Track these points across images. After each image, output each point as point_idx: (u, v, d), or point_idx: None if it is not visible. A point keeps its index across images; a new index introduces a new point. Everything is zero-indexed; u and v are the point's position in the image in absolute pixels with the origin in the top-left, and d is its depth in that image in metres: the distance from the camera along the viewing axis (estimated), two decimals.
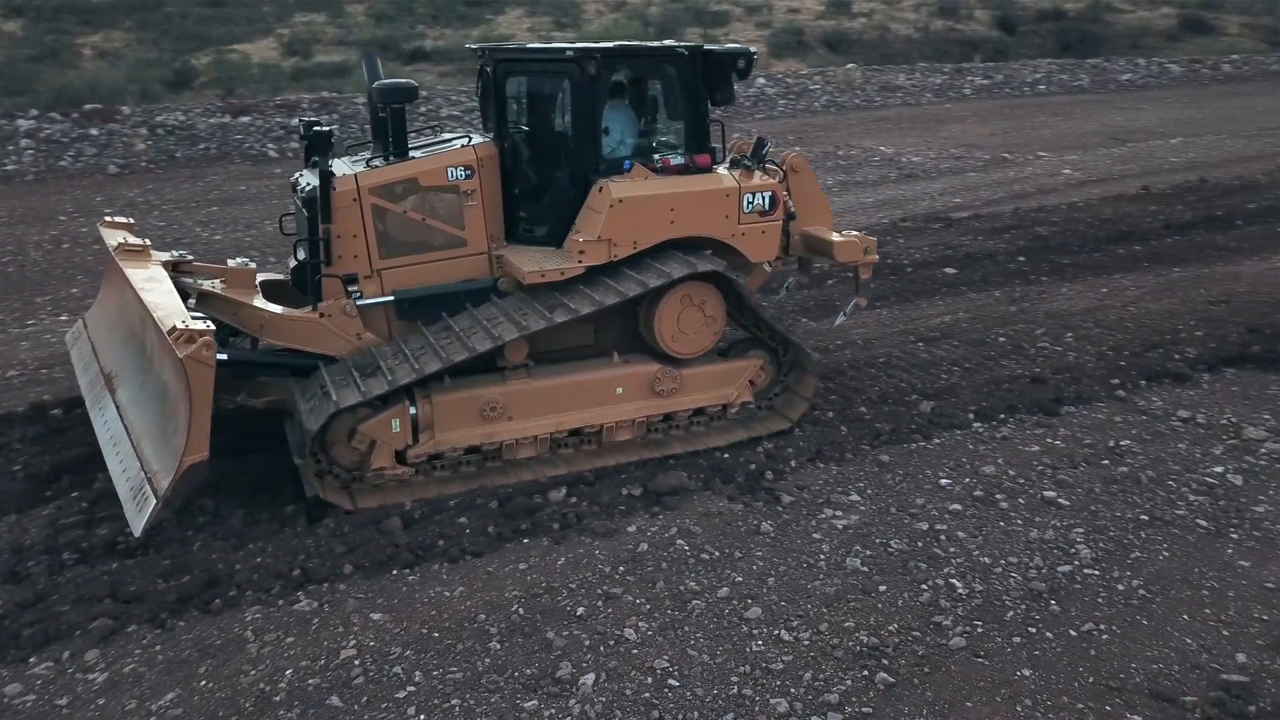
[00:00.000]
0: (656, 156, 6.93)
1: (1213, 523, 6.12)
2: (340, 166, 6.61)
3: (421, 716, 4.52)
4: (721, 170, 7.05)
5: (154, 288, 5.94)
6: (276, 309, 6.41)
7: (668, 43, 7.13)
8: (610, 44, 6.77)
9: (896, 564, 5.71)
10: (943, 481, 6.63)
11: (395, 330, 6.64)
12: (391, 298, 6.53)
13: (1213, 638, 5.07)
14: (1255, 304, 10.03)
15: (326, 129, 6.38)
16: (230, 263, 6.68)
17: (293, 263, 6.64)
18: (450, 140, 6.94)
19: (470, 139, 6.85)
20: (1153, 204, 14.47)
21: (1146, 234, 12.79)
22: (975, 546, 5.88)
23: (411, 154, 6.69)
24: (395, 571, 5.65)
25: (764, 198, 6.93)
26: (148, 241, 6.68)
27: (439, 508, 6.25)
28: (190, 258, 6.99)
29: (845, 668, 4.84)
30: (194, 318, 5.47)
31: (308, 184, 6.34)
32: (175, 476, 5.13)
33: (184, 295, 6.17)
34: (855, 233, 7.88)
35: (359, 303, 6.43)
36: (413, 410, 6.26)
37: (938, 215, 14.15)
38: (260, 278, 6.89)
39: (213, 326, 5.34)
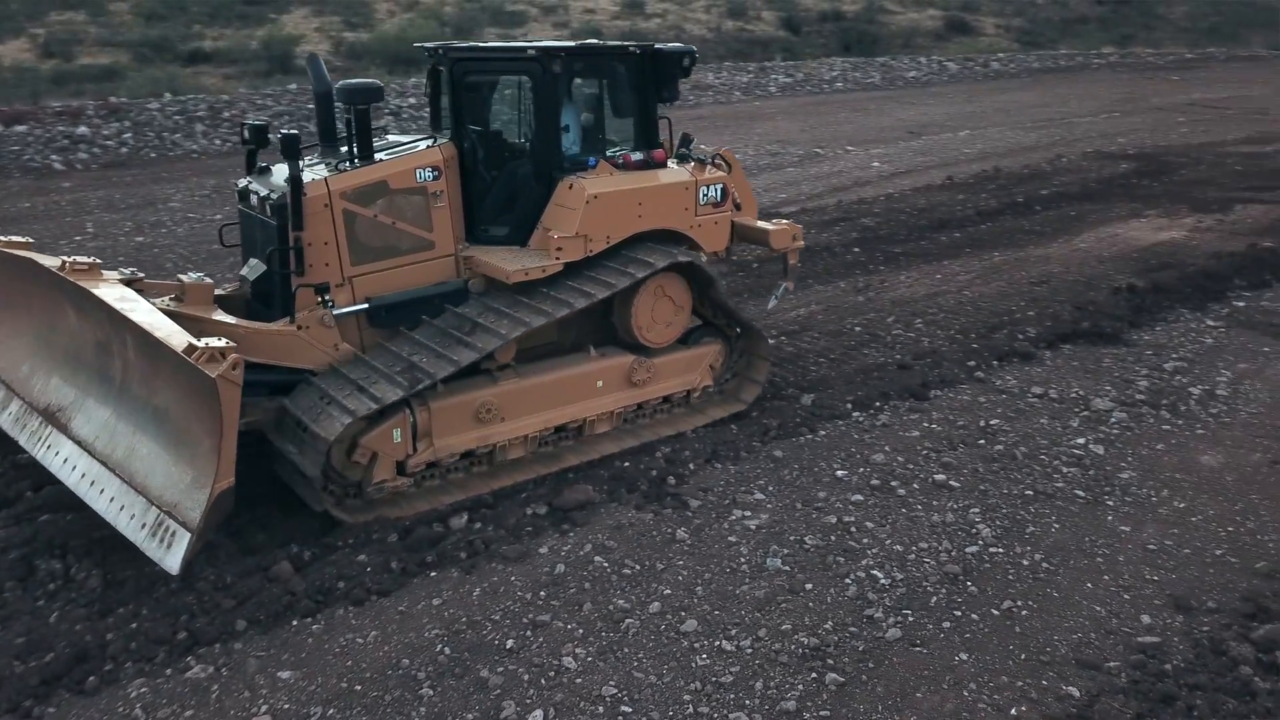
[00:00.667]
0: (617, 152, 7.06)
1: (1089, 492, 6.50)
2: (281, 169, 6.26)
3: None
4: (673, 164, 7.24)
5: (135, 308, 5.28)
6: (249, 324, 5.98)
7: (614, 42, 7.42)
8: (570, 43, 6.86)
9: (815, 560, 5.72)
10: (839, 473, 6.72)
11: (367, 339, 6.40)
12: (365, 305, 6.28)
13: (1116, 603, 5.35)
14: (1071, 284, 10.81)
15: (294, 131, 5.95)
16: (184, 278, 6.15)
17: (251, 275, 6.22)
18: (414, 141, 6.75)
19: (435, 139, 6.70)
20: (959, 193, 15.37)
21: (962, 221, 13.56)
22: (885, 535, 5.98)
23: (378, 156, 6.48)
24: (295, 622, 5.15)
25: (716, 190, 7.24)
26: (96, 259, 5.94)
27: (330, 547, 5.76)
28: (142, 275, 6.33)
29: (794, 672, 4.78)
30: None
31: (270, 191, 6.04)
32: (208, 506, 4.71)
33: None
34: (785, 221, 8.08)
35: (335, 312, 6.13)
36: (411, 419, 6.04)
37: (766, 211, 14.44)
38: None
39: (234, 344, 4.87)
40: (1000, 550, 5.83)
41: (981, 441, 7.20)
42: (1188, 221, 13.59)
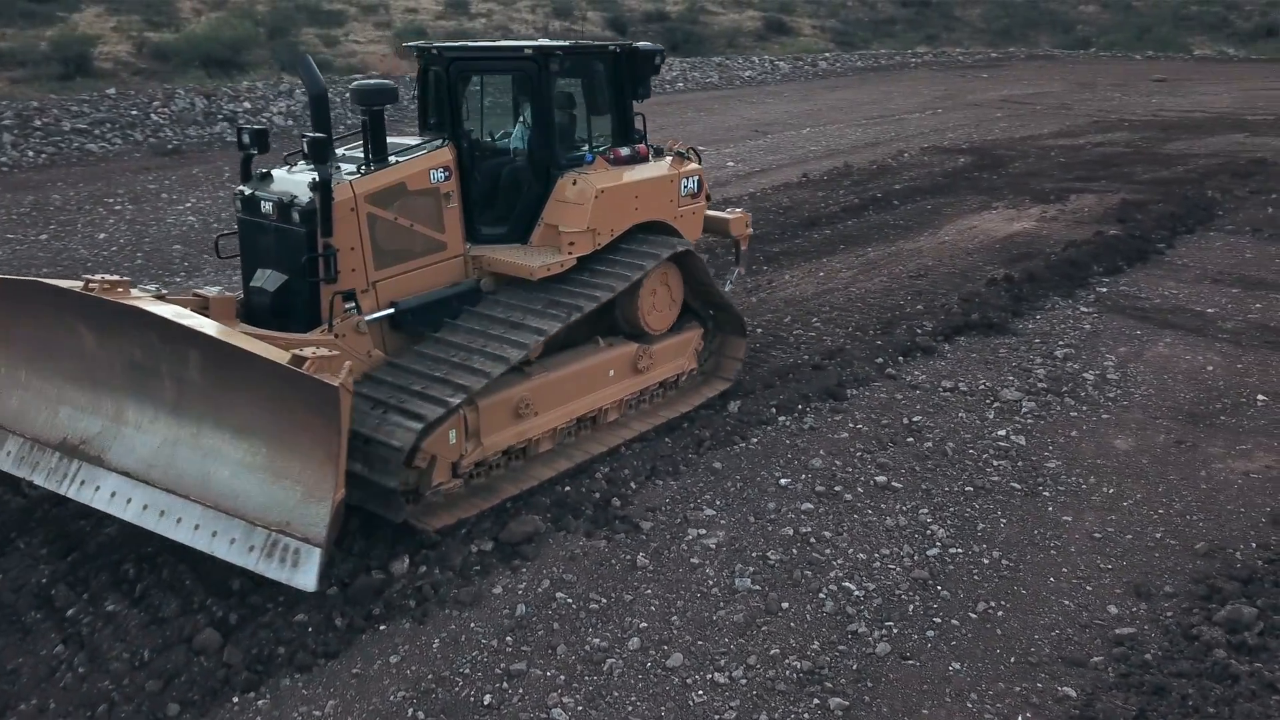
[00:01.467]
0: (606, 148, 7.23)
1: (1023, 484, 6.60)
2: (299, 176, 6.04)
3: None
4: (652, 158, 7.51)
5: (202, 323, 4.98)
6: (284, 335, 5.59)
7: (597, 41, 7.72)
8: (562, 42, 6.95)
9: (783, 576, 5.54)
10: (782, 481, 6.58)
11: (390, 345, 6.26)
12: (392, 310, 6.16)
13: (1082, 595, 5.41)
14: (947, 276, 11.13)
15: (322, 135, 5.73)
16: (206, 291, 5.83)
17: (271, 286, 5.91)
18: (422, 143, 6.57)
19: (443, 140, 6.60)
20: (818, 190, 15.66)
21: (829, 218, 13.78)
22: (845, 544, 5.86)
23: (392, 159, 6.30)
24: (236, 699, 4.54)
25: (694, 182, 7.60)
26: (124, 276, 5.57)
27: (257, 607, 5.12)
28: (164, 291, 5.95)
29: (795, 700, 4.57)
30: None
31: (291, 196, 5.78)
32: (332, 517, 4.57)
33: None
34: (738, 210, 8.61)
35: (366, 318, 6.02)
36: (464, 420, 5.96)
37: None
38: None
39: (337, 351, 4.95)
40: (959, 550, 5.82)
41: (910, 440, 7.22)
42: (1034, 212, 14.29)
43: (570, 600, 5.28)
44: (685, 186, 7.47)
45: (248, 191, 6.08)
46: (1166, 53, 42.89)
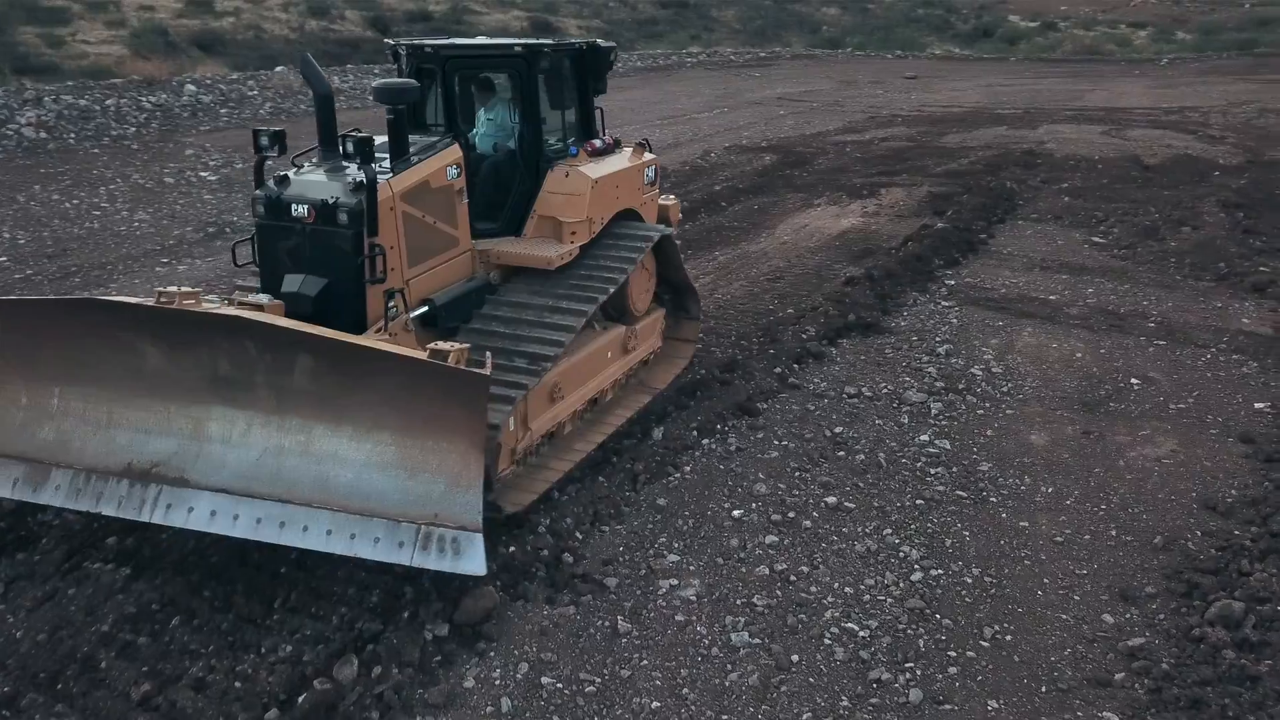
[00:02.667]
0: (583, 142, 7.35)
1: (967, 491, 6.48)
2: (318, 177, 5.84)
3: None
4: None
5: (314, 329, 4.89)
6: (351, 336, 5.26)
7: (571, 39, 7.72)
8: (546, 40, 7.21)
9: (778, 624, 5.08)
10: (735, 514, 6.11)
11: (421, 341, 5.95)
12: (426, 307, 6.07)
13: (1073, 606, 5.30)
14: (804, 277, 11.07)
15: (365, 134, 5.58)
16: (259, 299, 5.49)
17: (311, 290, 5.60)
18: (436, 141, 6.35)
19: (452, 137, 6.54)
20: None
21: None
22: (826, 577, 5.48)
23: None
24: None
25: (653, 171, 7.93)
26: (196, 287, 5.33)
27: None
28: (231, 299, 5.67)
29: None
30: None
31: (332, 197, 5.56)
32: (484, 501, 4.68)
33: None
34: (672, 196, 8.89)
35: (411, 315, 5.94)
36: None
37: None
38: None
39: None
40: (939, 571, 5.57)
41: (840, 453, 6.95)
42: (854, 208, 14.61)
43: (559, 684, 4.58)
44: (648, 176, 7.84)
45: (272, 195, 5.74)
46: (912, 52, 46.00)
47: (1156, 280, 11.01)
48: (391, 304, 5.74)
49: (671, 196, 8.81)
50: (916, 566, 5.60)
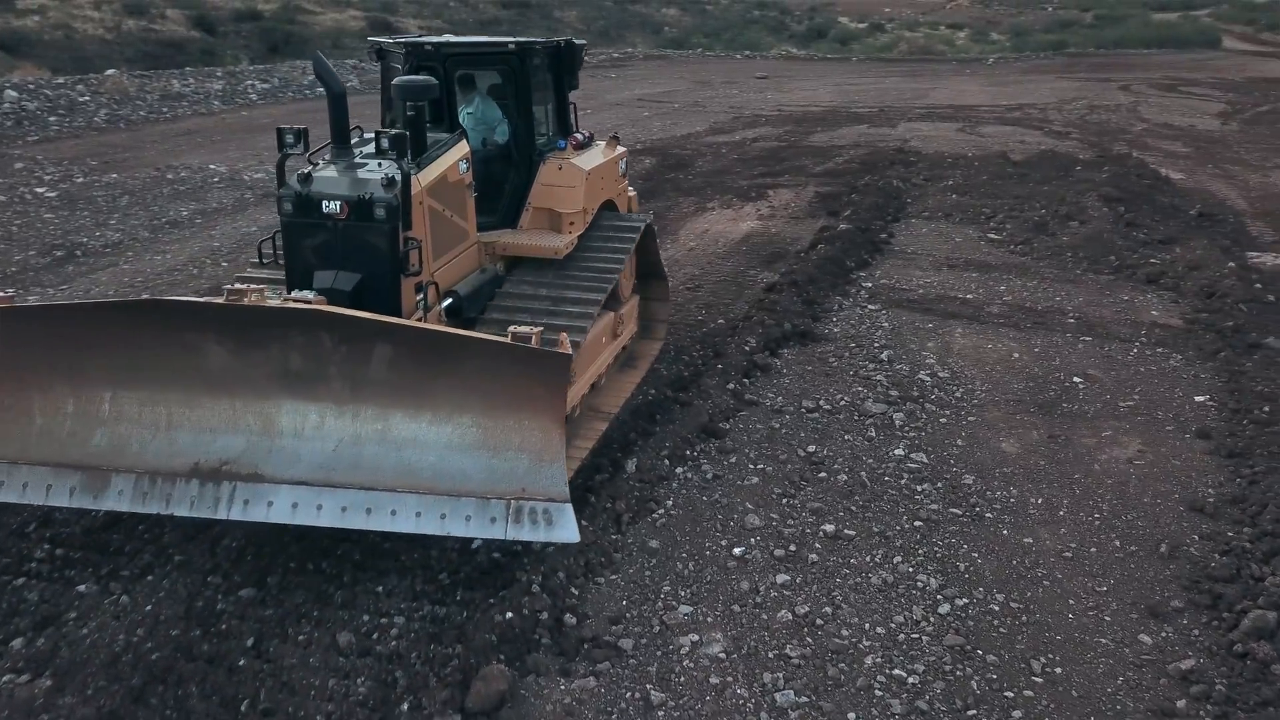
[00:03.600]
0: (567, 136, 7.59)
1: (960, 508, 6.22)
2: (342, 173, 5.78)
3: None
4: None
5: (394, 319, 5.22)
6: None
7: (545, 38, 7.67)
8: (532, 38, 7.34)
9: (819, 677, 4.64)
10: (735, 551, 5.64)
11: None
12: (451, 299, 6.25)
13: (1106, 628, 5.09)
14: (722, 284, 10.72)
15: (399, 130, 5.78)
16: (308, 294, 5.21)
17: (347, 285, 5.58)
18: (450, 137, 6.45)
19: (460, 133, 6.59)
20: None
21: None
22: (852, 617, 5.08)
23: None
24: None
25: (625, 163, 8.20)
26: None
27: None
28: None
29: None
30: None
31: (367, 193, 5.52)
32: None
33: None
34: (633, 189, 8.83)
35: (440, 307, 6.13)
36: None
37: None
38: None
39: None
40: (965, 601, 5.26)
41: (822, 475, 6.59)
42: (748, 210, 14.40)
43: None
44: (621, 167, 8.11)
45: (301, 193, 5.62)
46: (760, 52, 46.73)
47: (1060, 275, 11.21)
48: (419, 296, 5.82)
49: (632, 189, 8.84)
50: (940, 597, 5.28)
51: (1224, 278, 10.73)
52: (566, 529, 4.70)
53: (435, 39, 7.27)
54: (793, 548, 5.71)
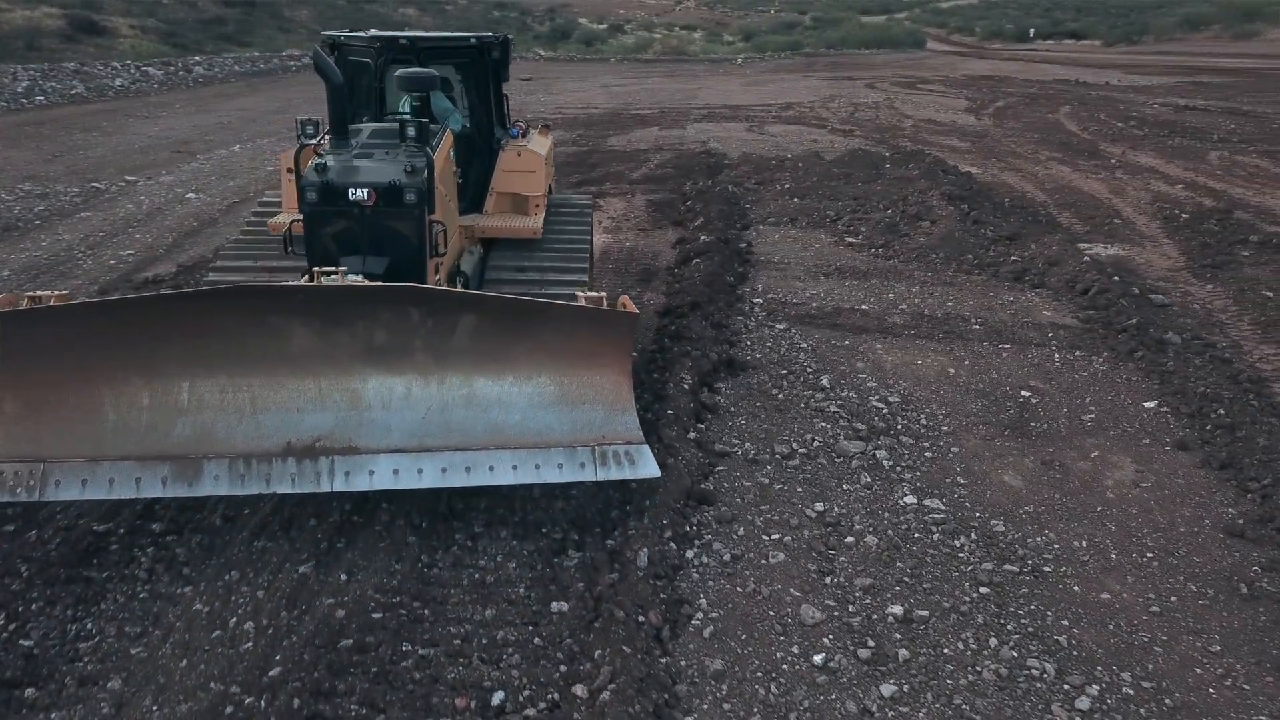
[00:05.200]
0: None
1: (1013, 564, 5.51)
2: (346, 161, 5.81)
3: None
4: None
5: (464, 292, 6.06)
6: None
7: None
8: (488, 34, 7.78)
9: None
10: (816, 660, 4.59)
11: None
12: (461, 278, 6.64)
13: (1255, 702, 4.50)
14: None
15: (425, 120, 6.28)
16: (354, 277, 5.30)
17: (379, 269, 5.70)
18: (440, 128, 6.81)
19: (455, 124, 7.14)
20: None
21: None
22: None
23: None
24: None
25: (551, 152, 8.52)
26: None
27: None
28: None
29: None
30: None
31: (395, 180, 5.65)
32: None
33: None
34: None
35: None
36: None
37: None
38: None
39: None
40: (1096, 689, 4.51)
41: (849, 540, 5.67)
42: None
43: None
44: (553, 155, 8.69)
45: (324, 181, 5.67)
46: (518, 54, 45.42)
47: (935, 278, 10.96)
48: (438, 275, 6.10)
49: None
50: (1067, 686, 4.50)
51: (1085, 272, 10.85)
52: (648, 466, 5.30)
53: (407, 34, 7.52)
54: (872, 643, 4.75)
